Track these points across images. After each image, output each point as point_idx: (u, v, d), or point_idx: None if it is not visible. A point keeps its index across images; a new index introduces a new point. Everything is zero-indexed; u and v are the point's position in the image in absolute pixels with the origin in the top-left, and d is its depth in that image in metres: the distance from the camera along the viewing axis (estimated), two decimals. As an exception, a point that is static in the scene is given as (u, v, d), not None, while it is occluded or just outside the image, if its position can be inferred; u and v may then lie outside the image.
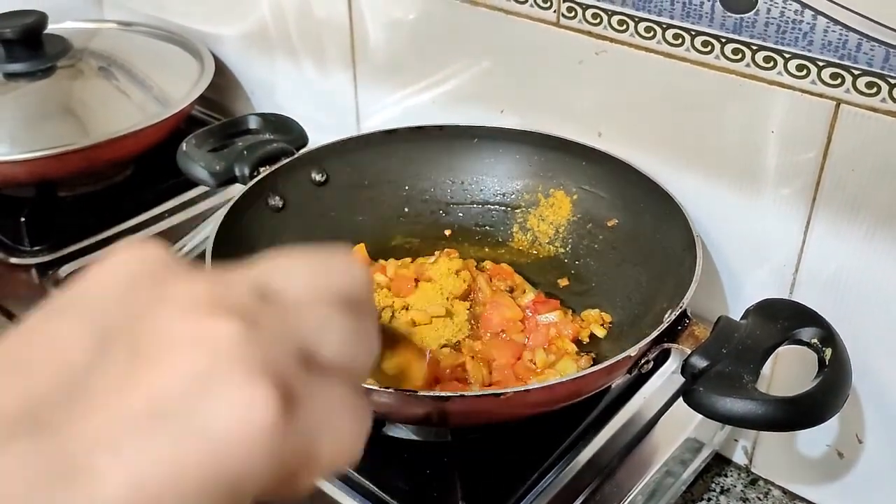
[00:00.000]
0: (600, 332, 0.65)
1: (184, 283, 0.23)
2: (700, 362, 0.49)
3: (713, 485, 0.69)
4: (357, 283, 0.26)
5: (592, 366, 0.51)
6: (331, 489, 0.55)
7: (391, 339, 0.41)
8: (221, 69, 0.97)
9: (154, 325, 0.21)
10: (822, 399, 0.47)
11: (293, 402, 0.21)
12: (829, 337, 0.50)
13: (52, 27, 0.89)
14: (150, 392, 0.20)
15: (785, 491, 0.68)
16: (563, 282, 0.70)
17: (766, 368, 0.65)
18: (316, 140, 0.77)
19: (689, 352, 0.50)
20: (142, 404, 0.20)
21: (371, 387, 0.46)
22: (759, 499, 0.68)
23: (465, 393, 0.47)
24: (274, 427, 0.21)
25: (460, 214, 0.75)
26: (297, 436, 0.22)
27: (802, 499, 0.67)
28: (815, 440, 0.65)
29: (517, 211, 0.74)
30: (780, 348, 0.55)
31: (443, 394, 0.47)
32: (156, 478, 0.20)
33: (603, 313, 0.66)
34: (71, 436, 0.20)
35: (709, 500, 0.68)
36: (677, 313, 0.52)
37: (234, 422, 0.20)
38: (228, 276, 0.24)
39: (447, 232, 0.74)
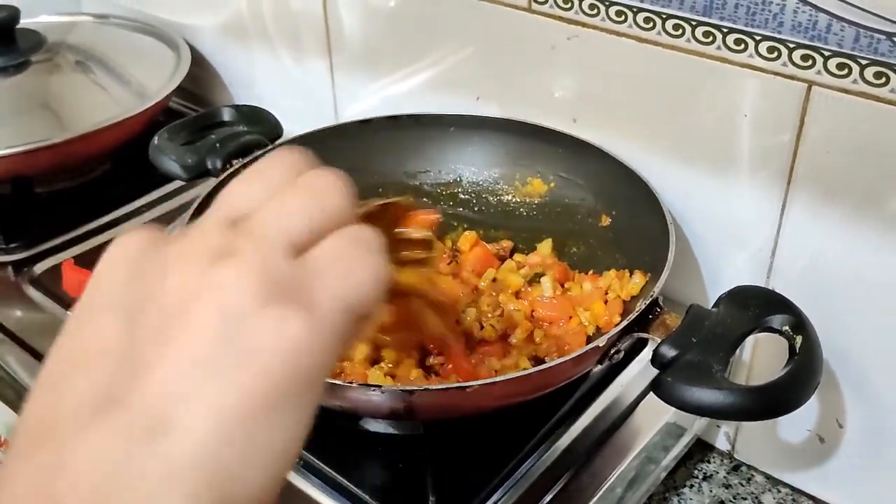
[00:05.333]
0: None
1: (174, 248, 0.26)
2: (669, 352, 0.48)
3: (696, 471, 0.69)
4: (292, 161, 0.29)
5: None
6: (303, 484, 0.54)
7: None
8: (200, 61, 0.96)
9: (167, 292, 0.24)
10: (792, 387, 0.46)
11: (307, 301, 0.25)
12: (799, 324, 0.49)
13: (25, 21, 0.88)
14: (192, 344, 0.23)
15: (768, 476, 0.68)
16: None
17: (746, 356, 0.65)
18: (296, 131, 0.76)
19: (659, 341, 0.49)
20: (189, 355, 0.23)
21: (333, 381, 0.46)
22: (741, 484, 0.68)
23: (430, 387, 0.46)
24: (308, 333, 0.24)
25: (438, 204, 0.74)
26: (329, 318, 0.25)
27: (785, 484, 0.67)
28: (796, 425, 0.64)
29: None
30: (759, 336, 0.54)
31: (406, 388, 0.47)
32: (230, 406, 0.23)
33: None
34: (142, 401, 0.23)
35: (691, 486, 0.67)
36: (648, 302, 0.52)
37: (274, 343, 0.24)
38: (202, 226, 0.26)
39: (424, 221, 0.74)
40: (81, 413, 0.23)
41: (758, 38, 0.54)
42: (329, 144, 0.72)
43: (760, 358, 0.64)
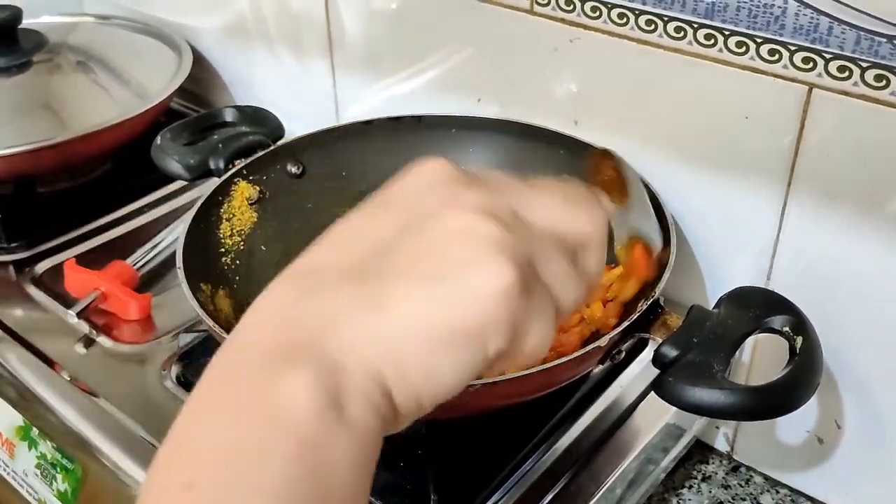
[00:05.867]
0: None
1: (466, 191, 0.32)
2: (670, 352, 0.48)
3: (695, 472, 0.69)
4: (589, 231, 0.34)
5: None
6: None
7: None
8: (201, 61, 0.96)
9: (440, 220, 0.31)
10: (792, 387, 0.46)
11: (526, 285, 0.30)
12: (800, 325, 0.50)
13: (27, 22, 0.88)
14: (432, 266, 0.30)
15: (766, 477, 0.68)
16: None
17: (746, 357, 0.65)
18: (297, 131, 0.76)
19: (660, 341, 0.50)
20: (427, 270, 0.30)
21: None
22: (740, 485, 0.68)
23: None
24: (512, 290, 0.29)
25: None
26: (519, 314, 0.30)
27: (784, 485, 0.67)
28: (795, 427, 0.65)
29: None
30: (759, 336, 0.54)
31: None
32: (432, 316, 0.29)
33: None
34: (379, 285, 0.30)
35: (690, 487, 0.68)
36: (649, 303, 0.52)
37: (486, 284, 0.29)
38: (498, 191, 0.33)
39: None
40: (342, 273, 0.31)
41: (759, 40, 0.54)
42: (330, 145, 0.73)
43: (760, 359, 0.64)
